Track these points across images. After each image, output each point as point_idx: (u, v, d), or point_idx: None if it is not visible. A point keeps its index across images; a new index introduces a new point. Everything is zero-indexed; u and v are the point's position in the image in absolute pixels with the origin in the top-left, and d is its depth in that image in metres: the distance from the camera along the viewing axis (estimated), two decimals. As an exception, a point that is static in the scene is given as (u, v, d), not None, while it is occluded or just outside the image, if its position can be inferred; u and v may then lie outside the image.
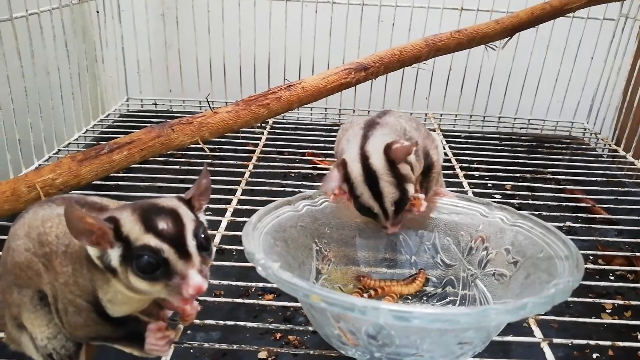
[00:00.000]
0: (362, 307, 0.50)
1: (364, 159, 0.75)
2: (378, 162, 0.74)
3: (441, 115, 1.69)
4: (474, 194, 1.12)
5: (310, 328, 0.71)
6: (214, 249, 0.56)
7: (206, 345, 0.69)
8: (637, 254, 0.99)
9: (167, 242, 0.50)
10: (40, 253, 0.58)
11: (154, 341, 0.59)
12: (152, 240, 0.50)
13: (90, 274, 0.55)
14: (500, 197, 1.22)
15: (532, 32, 1.46)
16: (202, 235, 0.53)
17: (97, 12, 1.57)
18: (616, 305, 0.93)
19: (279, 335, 0.85)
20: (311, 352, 0.69)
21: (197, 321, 0.68)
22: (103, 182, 1.05)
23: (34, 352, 0.62)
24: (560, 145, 1.59)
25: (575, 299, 0.81)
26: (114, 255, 0.52)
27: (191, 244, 0.52)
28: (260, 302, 0.84)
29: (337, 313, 0.58)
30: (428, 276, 0.80)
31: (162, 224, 0.51)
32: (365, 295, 0.78)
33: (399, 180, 0.74)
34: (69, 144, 1.37)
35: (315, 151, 1.41)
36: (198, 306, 0.67)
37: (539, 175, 1.34)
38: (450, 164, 1.29)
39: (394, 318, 0.50)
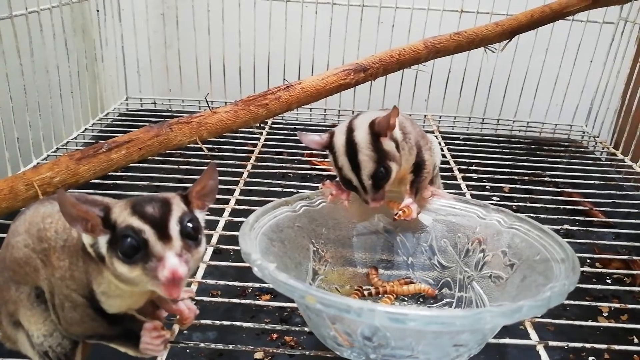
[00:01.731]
0: (358, 309, 0.50)
1: (349, 131, 0.75)
2: (361, 135, 0.74)
3: (440, 117, 1.69)
4: (472, 196, 1.12)
5: (306, 329, 0.71)
6: (205, 244, 0.56)
7: (202, 345, 0.69)
8: (634, 257, 0.99)
9: (149, 224, 0.50)
10: (38, 249, 0.58)
11: (149, 340, 0.59)
12: (135, 222, 0.50)
13: (85, 266, 0.56)
14: (498, 199, 1.22)
15: (531, 35, 1.46)
16: (190, 225, 0.53)
17: (97, 10, 1.57)
18: (612, 308, 0.93)
19: (275, 335, 0.85)
20: (307, 352, 0.69)
21: (193, 321, 0.68)
22: (101, 181, 1.05)
23: (29, 350, 0.62)
24: (558, 148, 1.59)
25: (572, 302, 0.81)
26: (102, 241, 0.52)
27: (174, 228, 0.51)
28: (257, 302, 0.84)
29: (333, 314, 0.58)
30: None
31: (149, 208, 0.51)
32: (366, 293, 0.78)
33: (380, 155, 0.74)
34: (68, 142, 1.37)
35: (313, 152, 1.41)
36: (196, 309, 0.67)
37: (537, 178, 1.34)
38: (448, 166, 1.29)
39: (390, 320, 0.50)
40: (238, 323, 0.72)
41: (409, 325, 0.50)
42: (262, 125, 1.50)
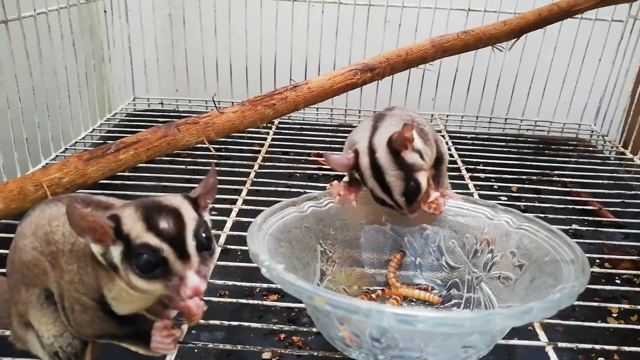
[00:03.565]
0: (366, 310, 0.50)
1: (372, 152, 0.75)
2: (383, 156, 0.74)
3: (447, 116, 1.68)
4: (480, 195, 1.12)
5: (314, 329, 0.71)
6: (217, 248, 0.56)
7: (210, 345, 0.69)
8: (644, 257, 0.98)
9: (166, 242, 0.50)
10: (46, 252, 0.58)
11: (160, 339, 0.60)
12: (152, 239, 0.50)
13: (95, 272, 0.56)
14: (506, 199, 1.21)
15: (539, 34, 1.45)
16: (204, 235, 0.53)
17: (105, 11, 1.58)
18: (622, 309, 0.92)
19: (283, 336, 0.85)
20: (315, 353, 0.69)
21: (201, 321, 0.69)
22: (109, 182, 1.06)
23: (40, 350, 0.62)
24: (567, 147, 1.58)
25: (581, 303, 0.81)
26: (115, 252, 0.52)
27: (191, 244, 0.51)
28: (265, 302, 0.84)
29: (341, 315, 0.58)
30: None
31: (163, 223, 0.51)
32: (374, 296, 0.78)
33: (407, 171, 0.73)
34: (76, 142, 1.38)
35: (320, 152, 1.40)
36: (204, 306, 0.67)
37: (545, 178, 1.33)
38: (456, 165, 1.29)
39: (398, 321, 0.50)
40: (246, 323, 0.72)
41: (418, 326, 0.49)
42: (269, 125, 1.50)
